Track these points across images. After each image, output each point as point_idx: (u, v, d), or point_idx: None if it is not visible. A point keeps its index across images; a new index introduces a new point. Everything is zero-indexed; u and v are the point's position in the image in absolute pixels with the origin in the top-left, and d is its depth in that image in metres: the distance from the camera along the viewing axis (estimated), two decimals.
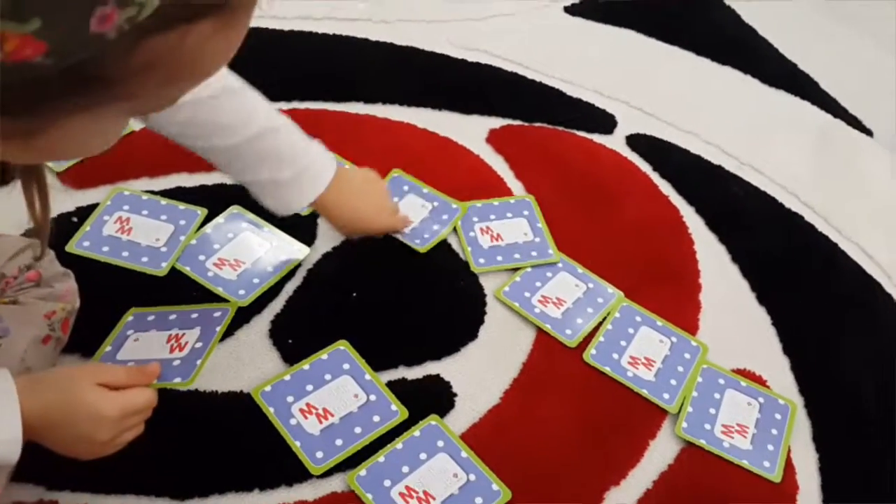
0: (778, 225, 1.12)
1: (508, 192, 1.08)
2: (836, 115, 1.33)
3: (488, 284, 0.96)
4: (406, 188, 1.04)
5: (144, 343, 0.82)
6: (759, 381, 0.91)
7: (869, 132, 1.31)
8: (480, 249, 0.99)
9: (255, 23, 1.26)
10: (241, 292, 0.88)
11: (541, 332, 0.92)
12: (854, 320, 1.01)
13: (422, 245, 0.97)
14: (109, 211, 0.93)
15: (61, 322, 0.76)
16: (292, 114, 1.08)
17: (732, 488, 0.81)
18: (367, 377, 0.83)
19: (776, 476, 0.82)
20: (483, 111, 1.18)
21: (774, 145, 1.24)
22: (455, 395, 0.85)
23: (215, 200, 0.96)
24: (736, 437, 0.85)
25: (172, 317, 0.84)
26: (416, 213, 1.01)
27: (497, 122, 1.17)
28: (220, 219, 0.95)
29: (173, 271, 0.89)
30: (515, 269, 0.98)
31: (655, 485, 0.81)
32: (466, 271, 0.97)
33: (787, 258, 1.07)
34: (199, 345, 0.81)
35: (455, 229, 1.00)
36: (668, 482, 0.81)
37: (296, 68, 1.17)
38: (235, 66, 1.13)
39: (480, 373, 0.87)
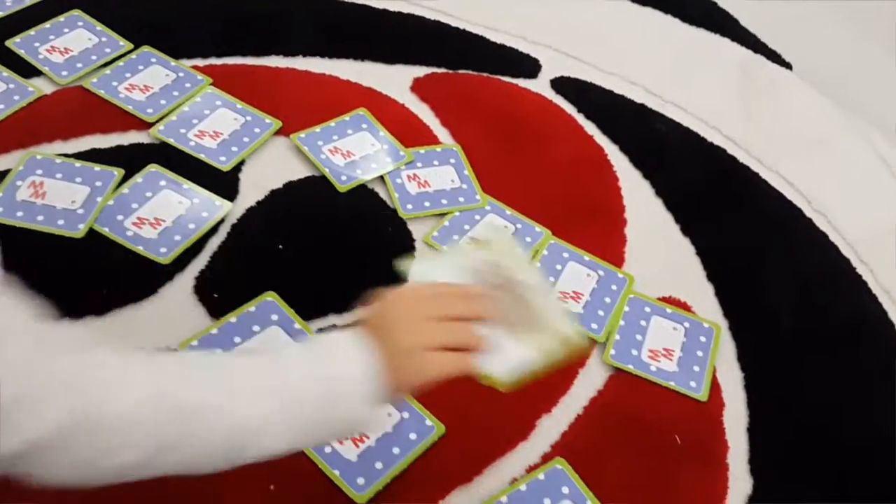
0: (701, 158, 1.14)
1: (435, 140, 1.07)
2: (755, 51, 1.34)
3: (417, 230, 0.96)
4: (364, 126, 1.05)
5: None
6: (685, 307, 0.93)
7: (788, 65, 1.34)
8: (408, 196, 0.99)
9: None
10: (163, 250, 0.86)
11: None
12: (775, 245, 1.03)
13: (346, 183, 0.98)
14: (22, 175, 0.90)
15: None
16: (210, 70, 1.08)
17: (661, 408, 0.83)
18: (297, 326, 0.83)
19: (703, 395, 0.85)
20: (406, 60, 1.17)
21: (696, 82, 1.26)
22: None
23: (132, 160, 0.94)
24: (662, 361, 0.87)
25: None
26: (363, 150, 1.02)
27: (421, 71, 1.16)
28: (137, 178, 0.93)
29: (92, 233, 0.87)
30: (443, 214, 0.98)
31: (586, 410, 0.82)
32: (395, 217, 0.96)
33: (710, 190, 1.09)
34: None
35: (382, 177, 1.00)
36: (597, 406, 0.83)
37: (212, 24, 1.15)
38: (151, 22, 1.12)
39: None
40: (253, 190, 0.96)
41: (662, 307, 0.92)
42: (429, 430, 0.77)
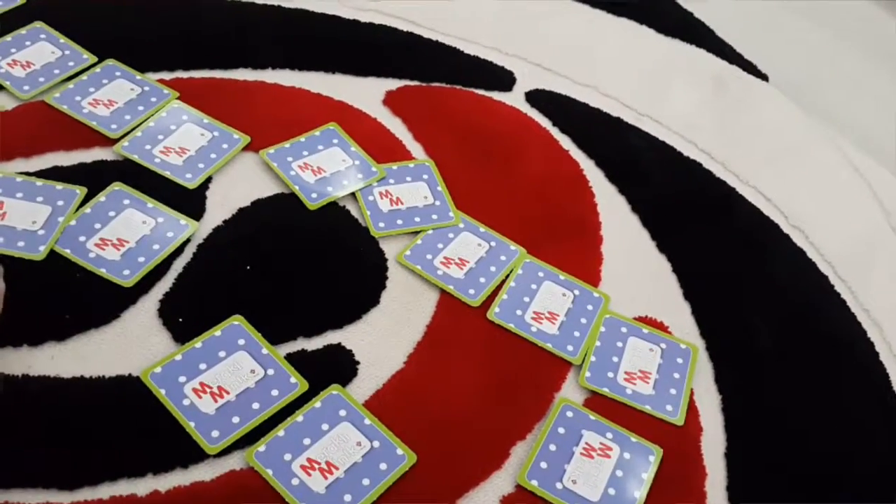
0: (677, 173, 1.12)
1: (408, 155, 1.05)
2: (731, 62, 1.34)
3: (389, 249, 0.94)
4: (335, 141, 1.03)
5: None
6: (661, 327, 0.92)
7: (764, 77, 1.33)
8: (380, 213, 0.97)
9: None
10: (126, 272, 0.84)
11: (444, 294, 0.91)
12: (752, 262, 1.02)
13: (317, 201, 0.95)
14: None
15: None
16: (176, 84, 1.05)
17: (636, 434, 0.81)
18: (265, 351, 0.81)
19: (679, 419, 0.83)
20: (378, 73, 1.15)
21: (672, 94, 1.25)
22: (358, 363, 0.83)
23: (96, 178, 0.92)
24: (638, 384, 0.85)
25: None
26: (334, 166, 1.00)
27: (393, 84, 1.14)
28: (100, 197, 0.90)
29: (53, 255, 0.84)
30: (416, 233, 0.96)
31: None
32: (366, 236, 0.94)
33: (687, 205, 1.08)
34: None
35: (354, 194, 0.98)
36: None
37: (179, 36, 1.12)
38: (116, 34, 1.09)
39: (383, 338, 0.86)
40: (220, 208, 0.93)
41: (639, 327, 0.91)
42: (400, 460, 0.75)
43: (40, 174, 0.91)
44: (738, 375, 0.89)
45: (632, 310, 0.93)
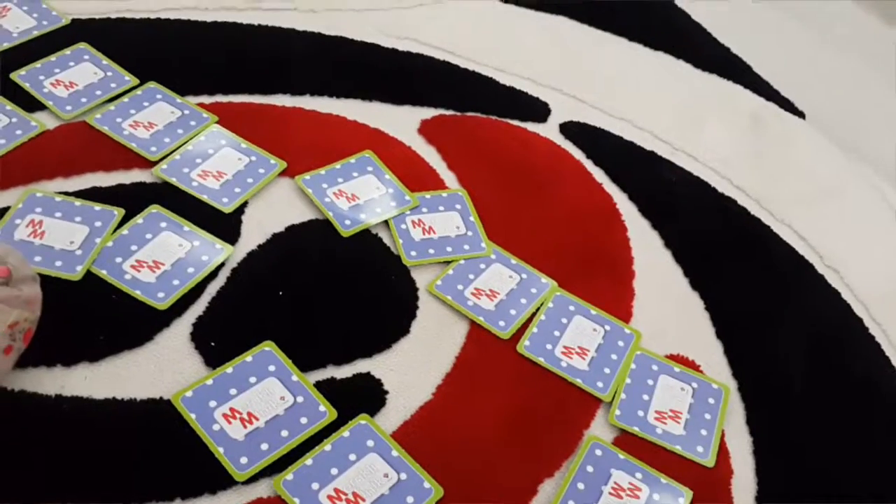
0: (711, 209, 1.12)
1: (441, 184, 1.06)
2: (768, 99, 1.33)
3: (420, 278, 0.94)
4: (370, 168, 1.03)
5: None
6: (693, 366, 0.91)
7: (801, 114, 1.32)
8: (412, 242, 0.97)
9: (175, 14, 1.23)
10: (161, 295, 0.85)
11: (474, 325, 0.91)
12: (786, 302, 1.01)
13: (350, 228, 0.96)
14: (21, 214, 0.89)
15: (24, 332, 0.73)
16: (216, 108, 1.06)
17: (666, 474, 0.80)
18: (294, 378, 0.81)
19: (709, 461, 0.82)
20: (414, 101, 1.16)
21: (707, 130, 1.24)
22: (386, 392, 0.83)
23: (134, 200, 0.93)
24: (669, 423, 0.84)
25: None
26: (368, 194, 1.00)
27: (429, 113, 1.15)
28: (138, 219, 0.91)
29: (89, 275, 0.85)
30: (448, 262, 0.96)
31: None
32: (398, 265, 0.95)
33: (720, 242, 1.07)
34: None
35: (387, 222, 0.98)
36: None
37: (219, 61, 1.14)
38: (158, 58, 1.10)
39: (412, 369, 0.86)
40: (255, 233, 0.94)
41: (670, 366, 0.90)
42: (427, 494, 0.75)
43: (79, 194, 0.93)
44: (770, 417, 0.88)
45: (663, 347, 0.92)
